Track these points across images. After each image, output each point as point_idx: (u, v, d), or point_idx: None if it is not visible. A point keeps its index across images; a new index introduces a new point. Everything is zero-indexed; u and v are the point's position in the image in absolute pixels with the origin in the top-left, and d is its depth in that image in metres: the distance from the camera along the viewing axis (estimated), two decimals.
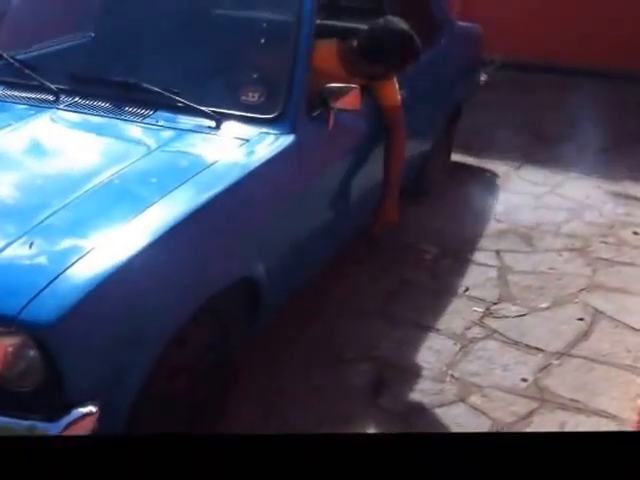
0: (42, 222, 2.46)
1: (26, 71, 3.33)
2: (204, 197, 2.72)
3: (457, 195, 4.84)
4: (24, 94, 3.29)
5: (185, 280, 2.55)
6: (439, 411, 3.21)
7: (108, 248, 2.39)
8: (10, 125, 3.11)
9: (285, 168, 3.14)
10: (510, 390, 3.36)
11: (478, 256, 4.49)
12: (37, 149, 3.06)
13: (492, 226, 4.72)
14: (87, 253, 2.35)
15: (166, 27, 3.61)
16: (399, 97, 3.90)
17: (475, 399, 3.29)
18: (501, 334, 3.75)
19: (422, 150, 4.64)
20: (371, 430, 3.10)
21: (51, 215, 2.50)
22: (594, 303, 4.03)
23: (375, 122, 3.83)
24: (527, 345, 3.66)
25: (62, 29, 3.97)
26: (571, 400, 3.30)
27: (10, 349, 2.20)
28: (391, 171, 3.95)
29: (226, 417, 2.97)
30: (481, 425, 3.14)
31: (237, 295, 2.88)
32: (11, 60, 3.39)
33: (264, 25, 3.48)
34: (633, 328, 3.83)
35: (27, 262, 2.31)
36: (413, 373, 3.43)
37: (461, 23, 5.47)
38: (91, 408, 2.24)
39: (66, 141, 3.12)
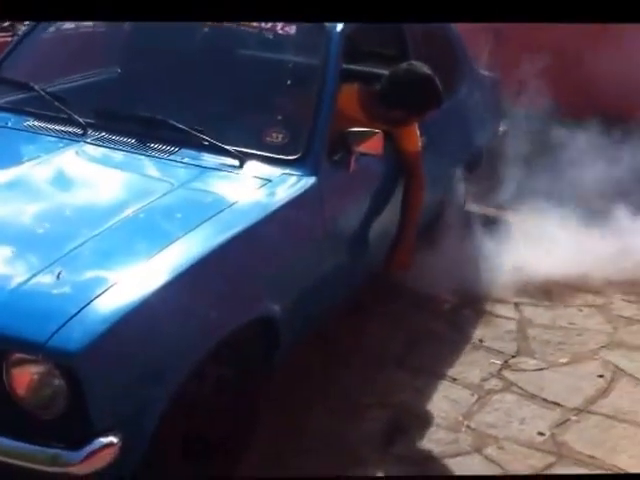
0: (69, 253, 2.61)
1: (56, 104, 3.50)
2: (226, 235, 2.88)
3: (473, 244, 4.95)
4: (53, 126, 3.46)
5: (204, 316, 2.70)
6: (453, 461, 3.33)
7: (133, 281, 2.55)
8: (39, 157, 3.28)
9: (306, 209, 3.31)
10: (526, 443, 3.46)
11: (497, 308, 4.63)
12: (65, 181, 3.23)
13: (510, 278, 4.83)
14: (113, 285, 2.50)
15: (192, 65, 3.80)
16: (420, 143, 4.06)
17: (490, 450, 3.40)
18: (519, 387, 3.87)
19: (438, 196, 4.78)
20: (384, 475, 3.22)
21: (78, 246, 2.65)
22: (615, 360, 4.14)
23: (394, 166, 4.00)
24: (545, 400, 3.77)
25: (88, 64, 4.16)
26: (589, 457, 3.40)
27: (36, 376, 2.34)
28: (408, 216, 4.10)
29: (240, 458, 3.09)
30: None
31: (255, 333, 3.02)
32: (42, 92, 3.56)
33: (290, 67, 3.68)
34: None
35: (55, 291, 2.45)
36: (429, 421, 3.56)
37: (482, 71, 5.64)
38: (112, 439, 2.37)
39: (93, 175, 3.29)
